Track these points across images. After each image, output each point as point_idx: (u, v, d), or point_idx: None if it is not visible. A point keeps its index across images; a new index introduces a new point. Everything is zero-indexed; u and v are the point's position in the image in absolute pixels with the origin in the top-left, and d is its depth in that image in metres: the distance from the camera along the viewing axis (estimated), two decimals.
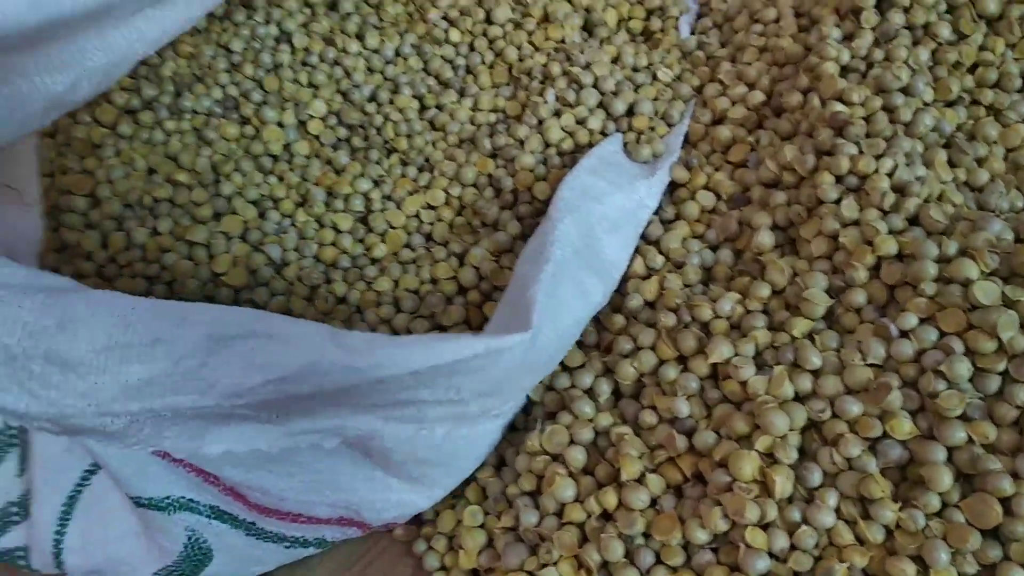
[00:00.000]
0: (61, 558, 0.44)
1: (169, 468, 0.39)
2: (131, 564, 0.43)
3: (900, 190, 0.42)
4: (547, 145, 0.51)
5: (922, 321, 0.38)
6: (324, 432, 0.35)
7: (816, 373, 0.39)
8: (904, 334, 0.38)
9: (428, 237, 0.50)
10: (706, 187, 0.49)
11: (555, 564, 0.39)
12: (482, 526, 0.43)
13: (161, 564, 0.42)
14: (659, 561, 0.38)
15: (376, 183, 0.51)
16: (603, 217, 0.44)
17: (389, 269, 0.47)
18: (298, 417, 0.34)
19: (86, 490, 0.42)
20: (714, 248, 0.47)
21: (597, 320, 0.45)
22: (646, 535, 0.38)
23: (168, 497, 0.40)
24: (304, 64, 0.54)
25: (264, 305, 0.46)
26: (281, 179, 0.50)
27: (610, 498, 0.39)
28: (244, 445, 0.34)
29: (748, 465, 0.37)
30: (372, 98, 0.54)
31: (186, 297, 0.46)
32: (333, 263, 0.48)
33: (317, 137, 0.52)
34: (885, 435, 0.36)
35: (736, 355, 0.40)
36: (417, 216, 0.50)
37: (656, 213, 0.48)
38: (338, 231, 0.49)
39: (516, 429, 0.45)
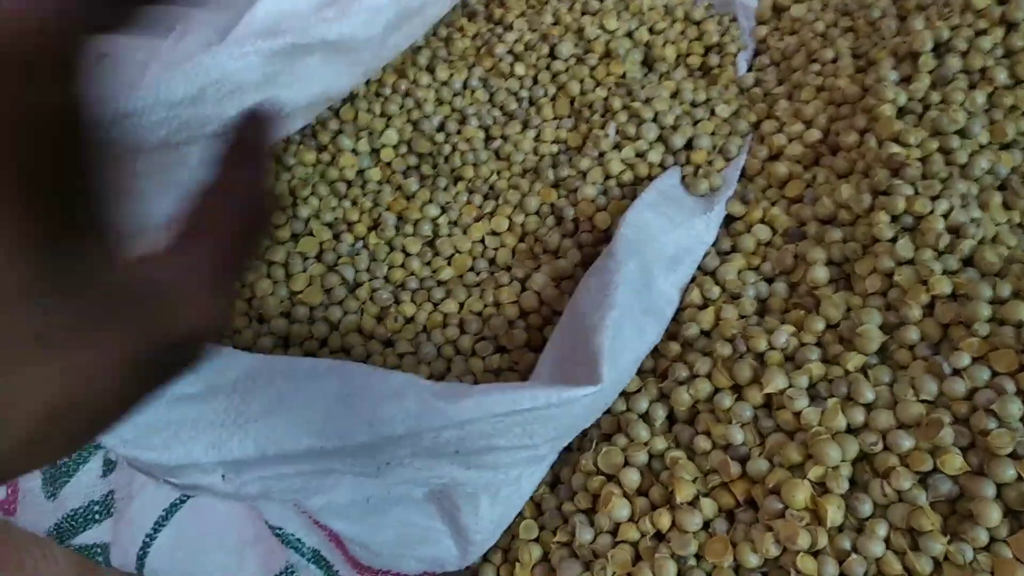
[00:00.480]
0: (144, 560, 0.46)
1: (286, 505, 0.42)
2: None
3: (955, 231, 0.43)
4: (607, 177, 0.53)
5: (975, 360, 0.39)
6: (413, 482, 0.37)
7: (869, 407, 0.40)
8: (956, 372, 0.39)
9: (492, 262, 0.52)
10: (762, 221, 0.51)
11: None
12: (537, 540, 0.45)
13: None
14: None
15: (443, 209, 0.54)
16: (661, 254, 0.46)
17: (455, 292, 0.50)
18: (393, 469, 0.36)
19: (190, 501, 0.45)
20: (769, 281, 0.48)
21: (654, 347, 0.47)
22: (698, 556, 0.40)
23: (282, 529, 0.43)
24: (377, 95, 0.57)
25: (338, 323, 0.48)
26: (354, 203, 0.53)
27: (664, 519, 0.41)
28: (343, 497, 0.36)
29: (800, 493, 0.38)
30: (441, 128, 0.57)
31: (264, 313, 0.49)
32: (402, 284, 0.51)
33: (389, 164, 0.55)
34: (936, 469, 0.37)
35: (790, 386, 0.41)
36: (482, 242, 0.53)
37: (713, 245, 0.50)
38: (407, 254, 0.52)
39: (571, 449, 0.47)
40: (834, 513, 0.37)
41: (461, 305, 0.49)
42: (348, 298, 0.49)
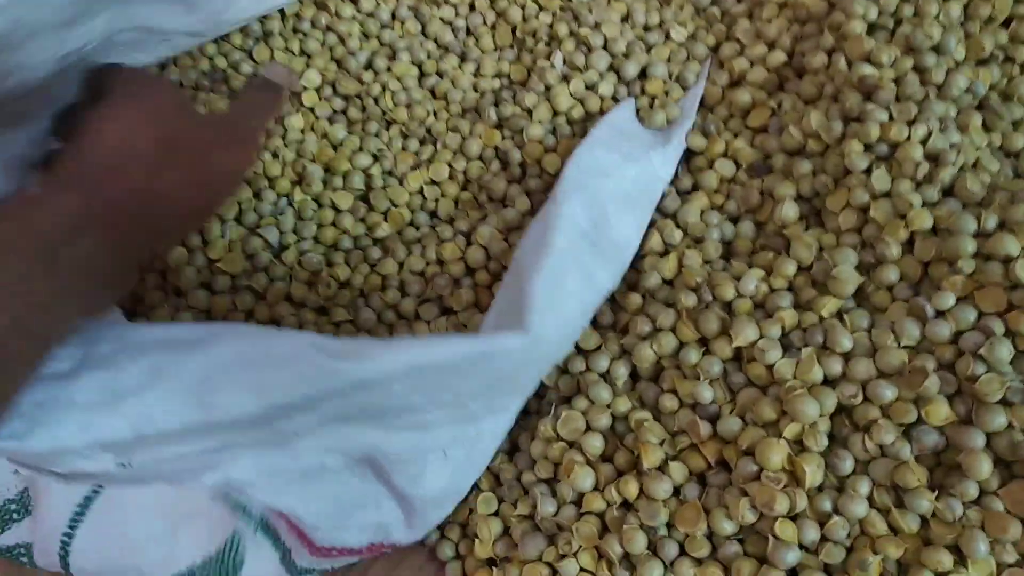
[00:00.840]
0: (68, 560, 0.42)
1: None
2: (142, 571, 0.41)
3: (934, 158, 0.40)
4: (556, 113, 0.48)
5: (959, 300, 0.36)
6: (329, 451, 0.33)
7: (847, 356, 0.37)
8: (940, 314, 0.36)
9: (433, 215, 0.48)
10: (725, 155, 0.47)
11: (575, 555, 0.38)
12: (496, 513, 0.42)
13: (184, 565, 0.41)
14: (683, 552, 0.36)
15: (376, 158, 0.49)
16: (615, 193, 0.42)
17: (394, 250, 0.45)
18: (302, 438, 0.33)
19: (105, 492, 0.41)
20: (735, 220, 0.45)
21: (613, 299, 0.43)
22: (669, 525, 0.37)
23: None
24: (295, 31, 0.51)
25: (264, 291, 0.44)
26: (275, 155, 0.48)
27: (631, 487, 0.37)
28: (246, 473, 0.33)
29: (776, 454, 0.35)
30: (368, 66, 0.52)
31: (181, 285, 0.44)
32: (334, 244, 0.46)
33: (312, 110, 0.50)
34: (920, 420, 0.35)
35: (761, 337, 0.38)
36: (421, 192, 0.48)
37: (672, 184, 0.46)
38: (337, 210, 0.47)
39: (529, 413, 0.43)
40: (813, 473, 0.35)
41: (401, 265, 0.45)
42: (273, 264, 0.44)
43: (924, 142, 0.40)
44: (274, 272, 0.44)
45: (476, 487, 0.42)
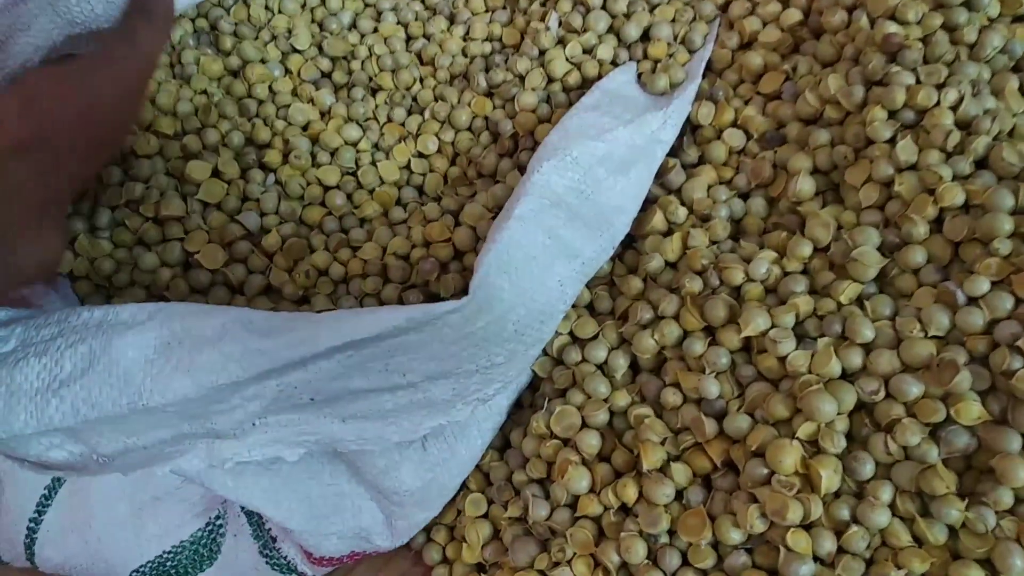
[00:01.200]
0: (33, 550, 0.40)
1: None
2: (109, 561, 0.39)
3: (965, 126, 0.36)
4: (550, 80, 0.45)
5: (994, 285, 0.32)
6: (281, 442, 0.31)
7: (867, 347, 0.33)
8: (973, 300, 0.32)
9: (420, 191, 0.44)
10: (734, 124, 0.43)
11: (569, 563, 0.35)
12: (486, 515, 0.39)
13: (152, 555, 0.39)
14: (686, 563, 0.33)
15: (363, 128, 0.45)
16: (606, 157, 0.38)
17: (377, 233, 0.42)
18: (251, 428, 0.30)
19: (69, 480, 0.39)
20: (744, 196, 0.41)
21: (611, 283, 0.40)
22: (671, 532, 0.34)
23: None
24: None
25: (241, 285, 0.41)
26: (266, 122, 0.45)
27: (629, 491, 0.34)
28: (199, 463, 0.30)
29: (789, 456, 0.32)
30: (352, 26, 0.48)
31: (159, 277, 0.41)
32: (319, 226, 0.43)
33: (298, 73, 0.46)
34: (949, 420, 0.31)
35: (773, 326, 0.35)
36: (408, 167, 0.44)
37: (677, 156, 0.42)
38: (326, 188, 0.44)
39: (522, 406, 0.40)
40: (829, 478, 0.31)
41: (384, 249, 0.41)
42: (253, 254, 0.41)
43: (955, 108, 0.36)
44: (252, 263, 0.41)
45: (464, 486, 0.39)
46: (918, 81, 0.37)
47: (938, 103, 0.36)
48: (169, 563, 0.39)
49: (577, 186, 0.36)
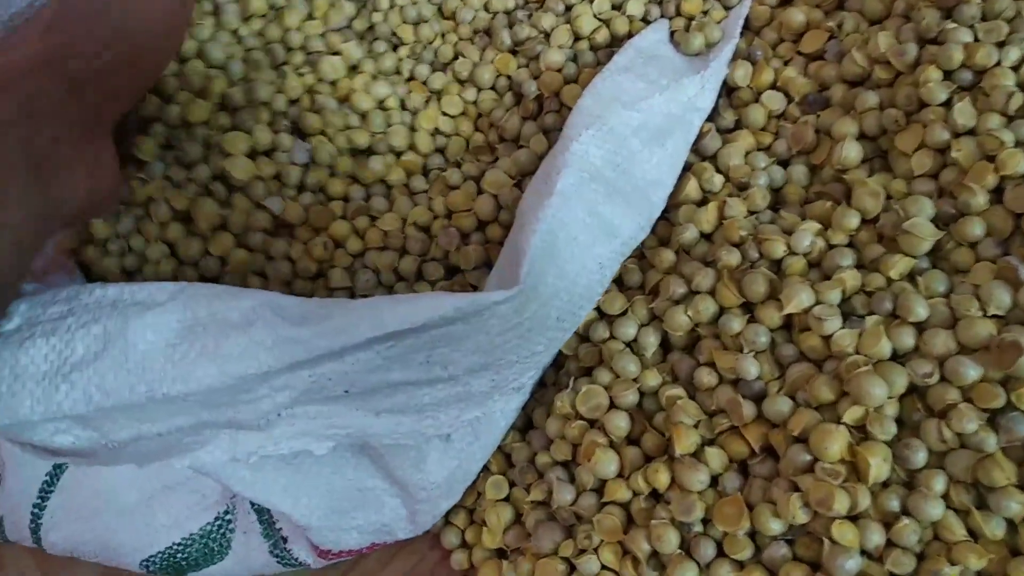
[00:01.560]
0: (39, 534, 0.39)
1: None
2: (118, 550, 0.38)
3: None
4: (577, 37, 0.42)
5: None
6: (310, 435, 0.29)
7: (920, 326, 0.31)
8: None
9: (442, 153, 0.42)
10: (774, 86, 0.40)
11: (596, 551, 0.33)
12: (507, 499, 0.37)
13: (163, 545, 0.37)
14: (722, 553, 0.32)
15: (391, 83, 0.43)
16: (641, 127, 0.36)
17: (398, 203, 0.40)
18: (278, 419, 0.28)
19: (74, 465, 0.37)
20: (785, 163, 0.38)
21: (641, 256, 0.38)
22: (705, 521, 0.32)
23: None
24: None
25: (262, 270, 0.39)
26: (298, 71, 0.42)
27: (661, 476, 0.32)
28: (221, 456, 0.28)
29: (835, 443, 0.30)
30: None
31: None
32: (345, 196, 0.41)
33: (324, 18, 0.44)
34: (1009, 405, 0.29)
35: (818, 303, 0.32)
36: (436, 132, 0.42)
37: (712, 120, 0.40)
38: (356, 153, 0.41)
39: (545, 385, 0.38)
40: (878, 466, 0.29)
41: (404, 220, 0.39)
42: (275, 241, 0.39)
43: (1017, 68, 0.34)
44: (275, 249, 0.39)
45: (485, 468, 0.37)
46: (976, 39, 0.35)
47: (998, 63, 0.34)
48: (180, 554, 0.37)
49: (614, 158, 0.34)
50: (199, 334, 0.28)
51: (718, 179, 0.38)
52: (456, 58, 0.44)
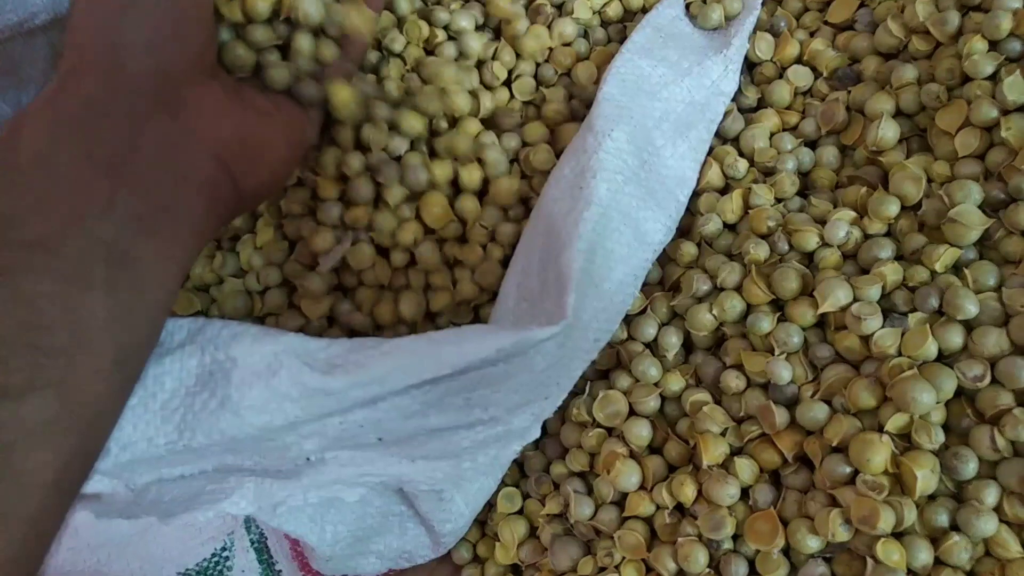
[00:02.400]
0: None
1: None
2: None
3: None
4: (589, 11, 0.39)
5: None
6: (341, 482, 0.27)
7: (969, 324, 0.28)
8: None
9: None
10: (799, 60, 0.37)
11: (617, 568, 0.31)
12: (521, 511, 0.35)
13: None
14: (754, 572, 0.29)
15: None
16: (663, 118, 0.33)
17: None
18: (307, 466, 0.26)
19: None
20: (813, 145, 0.36)
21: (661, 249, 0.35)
22: (736, 537, 0.30)
23: None
24: None
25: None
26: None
27: (687, 489, 0.30)
28: (248, 507, 0.26)
29: (878, 455, 0.27)
30: None
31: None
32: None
33: None
34: None
35: (855, 300, 0.30)
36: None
37: (734, 100, 0.37)
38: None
39: None
40: (926, 479, 0.27)
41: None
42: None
43: None
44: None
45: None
46: None
47: None
48: None
49: (641, 155, 0.31)
50: (220, 381, 0.26)
51: (742, 164, 0.35)
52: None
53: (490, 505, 0.35)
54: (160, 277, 0.24)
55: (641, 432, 0.32)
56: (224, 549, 0.35)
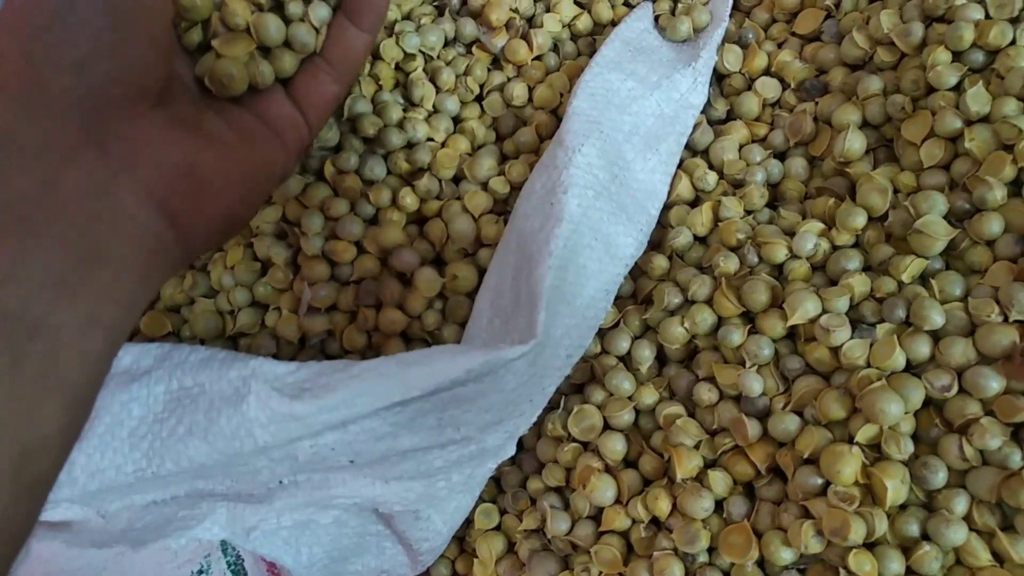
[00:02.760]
0: None
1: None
2: None
3: None
4: (559, 25, 0.39)
5: None
6: (314, 505, 0.27)
7: (936, 334, 0.29)
8: None
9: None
10: (767, 72, 0.37)
11: None
12: (499, 527, 0.35)
13: None
14: None
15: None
16: (633, 131, 0.33)
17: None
18: (280, 490, 0.26)
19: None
20: (782, 156, 0.36)
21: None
22: (711, 550, 0.30)
23: None
24: None
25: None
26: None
27: (661, 503, 0.30)
28: (220, 532, 0.26)
29: (848, 466, 0.27)
30: None
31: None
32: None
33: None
34: None
35: (824, 311, 0.30)
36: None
37: (703, 112, 0.37)
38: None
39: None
40: (896, 489, 0.27)
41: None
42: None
43: None
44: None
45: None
46: (988, 15, 0.32)
47: (1013, 41, 0.31)
48: None
49: (612, 169, 0.31)
50: (188, 407, 0.26)
51: (711, 176, 0.35)
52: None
53: (468, 522, 0.35)
54: (83, 347, 0.20)
55: (616, 446, 0.32)
56: (201, 572, 0.35)
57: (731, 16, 0.39)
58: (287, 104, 0.29)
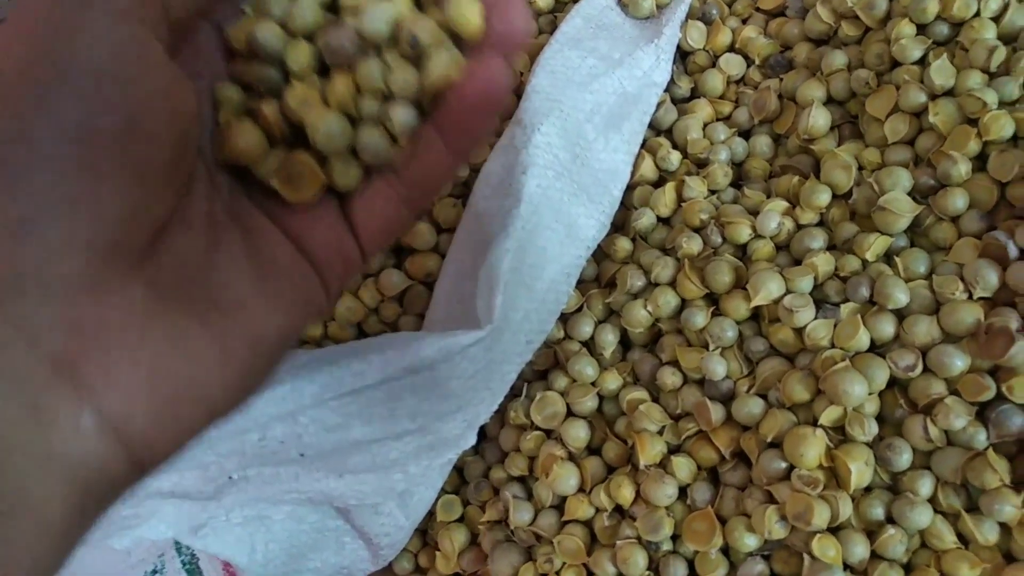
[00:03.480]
0: None
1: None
2: None
3: (1011, 40, 0.30)
4: None
5: None
6: (266, 501, 0.26)
7: (900, 313, 0.28)
8: None
9: None
10: (731, 48, 0.37)
11: (558, 574, 0.30)
12: (461, 519, 0.34)
13: None
14: (693, 572, 0.29)
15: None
16: (595, 111, 0.32)
17: None
18: (230, 485, 0.25)
19: None
20: (746, 134, 0.35)
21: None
22: (675, 537, 0.29)
23: None
24: None
25: None
26: None
27: (624, 491, 0.30)
28: (167, 531, 0.25)
29: (812, 448, 0.27)
30: None
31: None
32: None
33: None
34: (1000, 398, 0.26)
35: (788, 292, 0.29)
36: None
37: (666, 90, 0.36)
38: None
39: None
40: (860, 472, 0.27)
41: None
42: None
43: (997, 19, 0.31)
44: None
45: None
46: None
47: (977, 13, 0.31)
48: None
49: (574, 149, 0.30)
50: None
51: (675, 156, 0.34)
52: None
53: (430, 514, 0.34)
54: None
55: (579, 433, 0.31)
56: (155, 572, 0.34)
57: None
58: (340, 225, 0.21)
